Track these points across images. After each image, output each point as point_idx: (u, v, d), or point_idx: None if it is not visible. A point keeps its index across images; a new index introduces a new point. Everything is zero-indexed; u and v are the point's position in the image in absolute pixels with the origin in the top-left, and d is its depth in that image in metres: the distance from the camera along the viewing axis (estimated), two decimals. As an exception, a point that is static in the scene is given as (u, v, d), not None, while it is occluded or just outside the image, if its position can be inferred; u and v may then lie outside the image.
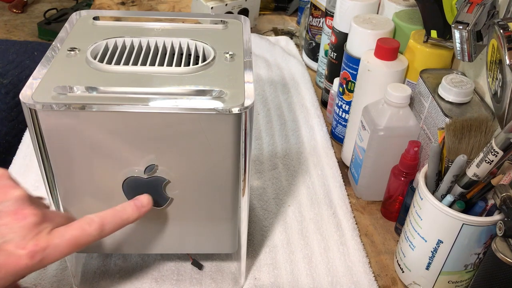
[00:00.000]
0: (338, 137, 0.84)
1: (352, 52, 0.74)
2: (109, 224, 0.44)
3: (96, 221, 0.43)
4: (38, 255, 0.39)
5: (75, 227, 0.42)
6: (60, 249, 0.41)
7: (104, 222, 0.43)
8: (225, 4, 1.10)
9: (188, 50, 0.53)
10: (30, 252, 0.39)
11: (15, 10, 2.75)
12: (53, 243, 0.40)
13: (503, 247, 0.47)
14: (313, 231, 0.67)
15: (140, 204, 0.46)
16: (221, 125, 0.44)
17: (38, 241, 0.39)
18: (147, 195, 0.47)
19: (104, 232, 0.43)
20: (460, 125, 0.52)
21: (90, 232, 0.42)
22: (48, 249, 0.40)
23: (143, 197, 0.47)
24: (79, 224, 0.42)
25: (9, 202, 0.40)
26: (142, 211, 0.46)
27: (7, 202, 0.40)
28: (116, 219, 0.44)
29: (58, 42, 0.52)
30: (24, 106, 0.42)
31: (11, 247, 0.39)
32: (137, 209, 0.46)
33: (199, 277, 0.60)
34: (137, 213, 0.46)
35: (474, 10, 0.55)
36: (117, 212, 0.45)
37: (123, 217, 0.45)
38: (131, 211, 0.45)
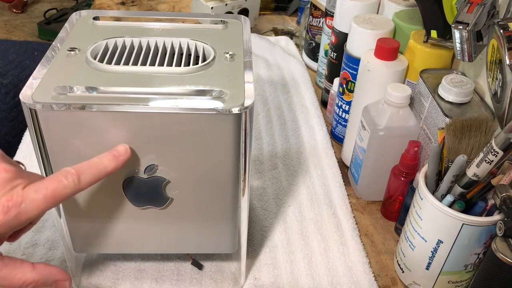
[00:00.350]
0: (338, 137, 0.84)
1: (352, 52, 0.74)
2: (85, 174, 0.42)
3: (72, 172, 0.41)
4: (12, 210, 0.38)
5: (51, 180, 0.40)
6: (36, 203, 0.39)
7: (81, 172, 0.41)
8: (225, 4, 1.10)
9: (188, 50, 0.53)
10: (3, 208, 0.37)
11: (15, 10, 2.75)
12: (29, 198, 0.39)
13: (503, 247, 0.47)
14: (313, 231, 0.67)
15: (117, 153, 0.44)
16: (221, 125, 0.44)
17: (11, 196, 0.38)
18: (124, 144, 0.45)
19: (81, 183, 0.41)
20: (460, 125, 0.52)
21: (66, 183, 0.40)
22: (24, 204, 0.38)
23: (120, 146, 0.45)
24: (54, 177, 0.40)
25: None
26: (120, 159, 0.44)
27: None
28: (93, 169, 0.42)
29: (58, 42, 0.52)
30: (24, 106, 0.42)
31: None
32: (115, 158, 0.44)
33: (199, 277, 0.60)
34: (114, 162, 0.44)
35: (474, 10, 0.55)
36: (93, 162, 0.43)
37: (99, 166, 0.43)
38: (107, 161, 0.43)
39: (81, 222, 0.51)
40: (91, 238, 0.53)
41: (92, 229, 0.52)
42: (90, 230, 0.52)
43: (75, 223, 0.51)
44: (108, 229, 0.52)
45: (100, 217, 0.51)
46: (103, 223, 0.51)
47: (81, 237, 0.53)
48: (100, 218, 0.51)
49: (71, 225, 0.51)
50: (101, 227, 0.52)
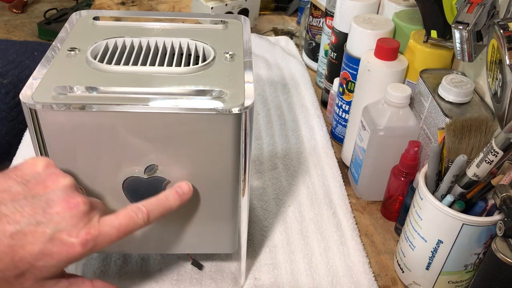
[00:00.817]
0: (338, 137, 0.84)
1: (352, 52, 0.74)
2: (154, 212, 0.44)
3: (143, 210, 0.44)
4: (90, 243, 0.40)
5: (124, 215, 0.43)
6: (110, 237, 0.41)
7: (150, 210, 0.44)
8: (225, 4, 1.10)
9: (188, 50, 0.53)
10: (83, 240, 0.40)
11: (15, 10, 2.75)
12: (104, 231, 0.41)
13: (503, 247, 0.47)
14: (313, 231, 0.67)
15: (181, 191, 0.47)
16: (221, 125, 0.44)
17: (89, 229, 0.40)
18: (187, 182, 0.48)
19: (150, 220, 0.44)
20: (460, 125, 0.52)
21: (137, 221, 0.43)
22: (99, 237, 0.41)
23: (184, 184, 0.47)
24: (127, 212, 0.43)
25: (59, 191, 0.41)
26: (184, 198, 0.47)
27: (58, 191, 0.41)
28: (160, 208, 0.45)
29: (58, 42, 0.52)
30: (24, 106, 0.42)
31: (64, 235, 0.39)
32: (179, 197, 0.46)
33: (199, 277, 0.60)
34: (179, 200, 0.46)
35: (474, 10, 0.55)
36: (160, 200, 0.45)
37: (166, 205, 0.46)
38: (173, 199, 0.46)
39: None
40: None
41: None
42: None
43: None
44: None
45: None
46: (103, 223, 0.51)
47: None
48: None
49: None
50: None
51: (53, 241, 0.39)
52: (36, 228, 0.39)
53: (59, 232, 0.39)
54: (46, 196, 0.40)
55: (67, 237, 0.39)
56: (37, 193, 0.40)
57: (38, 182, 0.41)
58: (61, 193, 0.41)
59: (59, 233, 0.39)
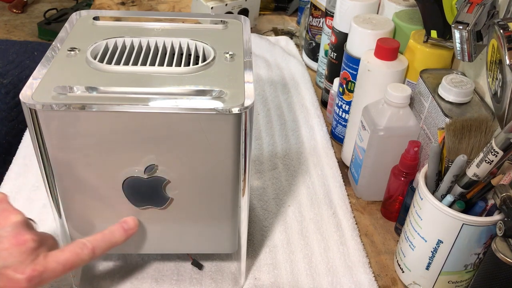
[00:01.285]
0: (338, 137, 0.84)
1: (352, 52, 0.74)
2: (99, 248, 0.47)
3: (88, 246, 0.46)
4: (35, 279, 0.42)
5: (69, 251, 0.45)
6: (55, 273, 0.43)
7: (95, 246, 0.46)
8: (225, 4, 1.10)
9: (188, 50, 0.53)
10: (29, 277, 0.41)
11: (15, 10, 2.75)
12: (50, 267, 0.43)
13: (503, 247, 0.47)
14: (313, 231, 0.67)
15: (127, 227, 0.49)
16: (221, 125, 0.44)
17: (36, 266, 0.42)
18: (133, 217, 0.50)
19: (95, 255, 0.46)
20: (460, 125, 0.52)
21: (82, 256, 0.45)
22: (45, 273, 0.42)
23: (129, 219, 0.50)
24: (72, 248, 0.45)
25: (9, 228, 0.42)
26: (129, 233, 0.49)
27: (8, 228, 0.42)
28: (105, 243, 0.47)
29: (58, 42, 0.52)
30: (24, 106, 0.42)
31: (11, 272, 0.41)
32: (125, 232, 0.49)
33: (199, 277, 0.60)
34: (124, 235, 0.49)
35: (474, 10, 0.55)
36: (106, 236, 0.48)
37: (112, 240, 0.48)
38: (119, 235, 0.48)
39: (81, 222, 0.51)
40: (91, 238, 0.53)
41: (92, 229, 0.52)
42: (90, 230, 0.52)
43: (75, 223, 0.51)
44: (108, 229, 0.52)
45: (100, 217, 0.51)
46: (103, 223, 0.51)
47: (81, 237, 0.52)
48: (100, 218, 0.51)
49: (71, 225, 0.51)
50: (101, 227, 0.51)
51: None
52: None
53: (6, 268, 0.41)
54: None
55: (13, 273, 0.41)
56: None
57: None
58: (11, 230, 0.42)
59: (5, 269, 0.41)
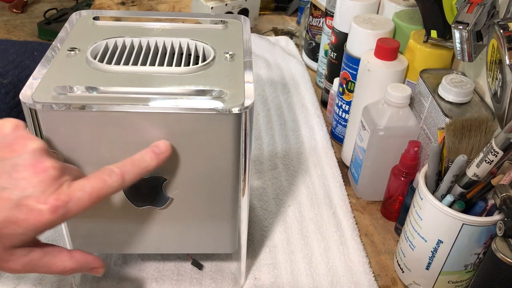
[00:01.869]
0: (338, 137, 0.84)
1: (352, 52, 0.74)
2: (129, 174, 0.42)
3: (117, 172, 0.41)
4: (60, 209, 0.38)
5: (96, 178, 0.40)
6: (82, 202, 0.39)
7: (124, 172, 0.41)
8: (225, 4, 1.10)
9: (188, 50, 0.53)
10: (52, 207, 0.37)
11: (15, 10, 2.74)
12: (75, 197, 0.39)
13: (503, 247, 0.47)
14: (313, 231, 0.67)
15: (158, 150, 0.44)
16: (221, 125, 0.44)
17: (59, 195, 0.38)
18: (164, 141, 0.45)
19: (124, 182, 0.42)
20: (460, 125, 0.52)
21: (111, 183, 0.41)
22: (70, 203, 0.38)
23: (161, 142, 0.44)
24: (99, 175, 0.40)
25: (27, 155, 0.38)
26: (161, 157, 0.44)
27: (25, 155, 0.38)
28: (135, 168, 0.42)
29: (58, 42, 0.52)
30: (24, 106, 0.42)
31: (32, 201, 0.37)
32: (156, 156, 0.44)
33: (199, 277, 0.60)
34: (156, 160, 0.44)
35: (474, 10, 0.55)
36: (136, 161, 0.43)
37: (142, 165, 0.43)
38: (149, 159, 0.43)
39: (81, 222, 0.51)
40: (91, 238, 0.53)
41: (92, 229, 0.52)
42: (90, 230, 0.52)
43: (75, 223, 0.51)
44: (108, 229, 0.52)
45: (100, 217, 0.51)
46: (103, 223, 0.51)
47: (81, 237, 0.52)
48: (100, 218, 0.51)
49: (71, 225, 0.51)
50: (101, 227, 0.52)
51: (19, 207, 0.37)
52: (1, 194, 0.37)
53: (26, 198, 0.37)
54: (13, 160, 0.38)
55: (35, 203, 0.37)
56: (2, 157, 0.38)
57: (5, 146, 0.39)
58: (28, 158, 0.38)
59: (25, 199, 0.37)
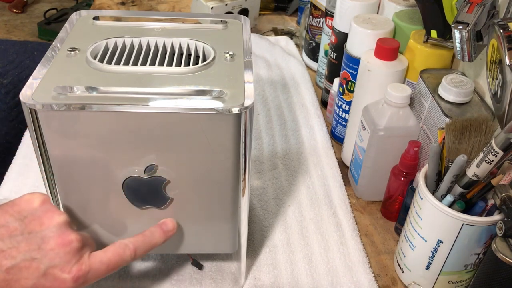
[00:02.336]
0: (338, 137, 0.84)
1: (352, 52, 0.74)
2: (140, 249, 0.47)
3: (130, 247, 0.46)
4: (81, 278, 0.43)
5: (112, 251, 0.46)
6: (99, 272, 0.44)
7: (137, 247, 0.47)
8: (225, 4, 1.10)
9: (188, 50, 0.53)
10: (75, 277, 0.42)
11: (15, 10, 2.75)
12: (94, 267, 0.44)
13: (503, 247, 0.47)
14: (313, 231, 0.67)
15: (166, 228, 0.50)
16: (221, 125, 0.44)
17: (81, 266, 0.43)
18: (171, 219, 0.50)
19: (136, 256, 0.47)
20: (460, 125, 0.52)
21: (124, 257, 0.46)
22: (90, 273, 0.43)
23: (169, 221, 0.50)
24: (115, 249, 0.46)
25: (54, 228, 0.43)
26: (168, 235, 0.50)
27: (53, 228, 0.43)
28: (146, 244, 0.48)
29: (58, 42, 0.52)
30: (24, 106, 0.42)
31: (58, 271, 0.42)
32: (164, 234, 0.49)
33: (199, 277, 0.60)
34: (164, 237, 0.49)
35: (474, 10, 0.55)
36: (147, 238, 0.48)
37: (152, 242, 0.48)
38: (158, 236, 0.49)
39: (81, 222, 0.51)
40: (91, 238, 0.53)
41: (92, 229, 0.52)
42: (90, 230, 0.52)
43: (75, 223, 0.51)
44: (108, 229, 0.52)
45: (100, 217, 0.51)
46: (103, 223, 0.51)
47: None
48: (100, 218, 0.51)
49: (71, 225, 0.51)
50: (101, 227, 0.51)
51: (46, 276, 0.41)
52: (31, 264, 0.41)
53: (53, 268, 0.42)
54: (42, 232, 0.42)
55: (60, 273, 0.42)
56: (33, 229, 0.42)
57: (35, 218, 0.43)
58: (56, 230, 0.43)
59: (52, 269, 0.42)
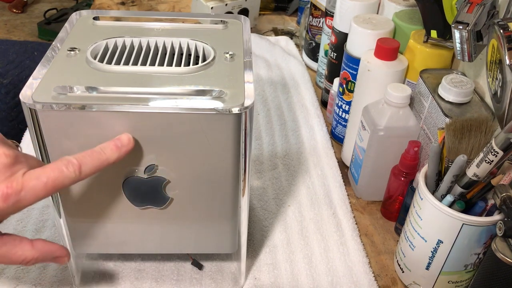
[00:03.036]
0: (338, 137, 0.84)
1: (352, 52, 0.74)
2: (87, 165, 0.41)
3: (74, 163, 0.40)
4: (11, 197, 0.37)
5: (52, 168, 0.39)
6: (36, 192, 0.38)
7: (82, 163, 0.41)
8: (225, 4, 1.10)
9: (188, 50, 0.53)
10: (3, 195, 0.37)
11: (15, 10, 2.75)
12: (29, 185, 0.38)
13: (503, 247, 0.47)
14: (313, 231, 0.67)
15: (120, 143, 0.43)
16: (221, 125, 0.44)
17: (11, 183, 0.37)
18: (127, 134, 0.44)
19: (82, 173, 0.41)
20: (460, 125, 0.52)
21: (67, 173, 0.40)
22: (23, 192, 0.38)
23: (124, 136, 0.44)
24: (56, 165, 0.40)
25: None
26: (123, 150, 0.43)
27: None
28: (94, 161, 0.42)
29: (58, 42, 0.52)
30: (24, 106, 0.42)
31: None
32: (117, 149, 0.43)
33: (199, 277, 0.60)
34: (117, 153, 0.43)
35: (474, 10, 0.55)
36: (95, 153, 0.42)
37: (101, 158, 0.42)
38: (110, 152, 0.43)
39: (81, 222, 0.51)
40: (91, 238, 0.53)
41: (92, 229, 0.52)
42: (90, 230, 0.52)
43: (75, 223, 0.51)
44: (108, 229, 0.52)
45: (100, 217, 0.51)
46: (103, 223, 0.51)
47: (81, 237, 0.53)
48: (100, 218, 0.51)
49: (71, 225, 0.51)
50: (101, 227, 0.52)
51: None
52: None
53: None
54: None
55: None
56: None
57: None
58: None
59: None
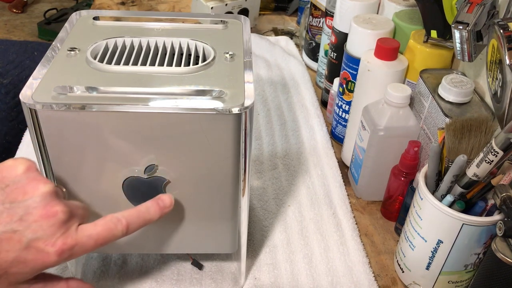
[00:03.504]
0: (338, 137, 0.84)
1: (352, 52, 0.74)
2: (133, 224, 0.44)
3: (122, 222, 0.43)
4: (66, 252, 0.40)
5: (102, 225, 0.42)
6: (86, 247, 0.41)
7: (129, 222, 0.44)
8: (225, 4, 1.10)
9: (188, 50, 0.53)
10: (59, 250, 0.40)
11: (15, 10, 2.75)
12: (81, 241, 0.41)
13: (503, 247, 0.47)
14: (313, 231, 0.67)
15: (163, 205, 0.47)
16: (221, 125, 0.44)
17: (66, 239, 0.40)
18: (169, 195, 0.47)
19: (128, 231, 0.44)
20: (460, 125, 0.52)
21: (115, 232, 0.43)
22: (76, 247, 0.41)
23: (165, 197, 0.47)
24: (105, 223, 0.43)
25: (38, 198, 0.40)
26: (165, 211, 0.47)
27: (37, 198, 0.40)
28: (140, 220, 0.45)
29: (58, 42, 0.52)
30: (24, 106, 0.42)
31: (41, 244, 0.39)
32: (160, 210, 0.46)
33: (199, 277, 0.60)
34: (159, 213, 0.46)
35: (474, 10, 0.55)
36: (141, 212, 0.45)
37: (146, 217, 0.45)
38: (153, 212, 0.46)
39: (81, 222, 0.51)
40: (91, 238, 0.53)
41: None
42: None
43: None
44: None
45: (100, 217, 0.51)
46: (103, 223, 0.51)
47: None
48: (100, 218, 0.51)
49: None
50: (101, 227, 0.51)
51: (28, 249, 0.39)
52: (12, 236, 0.38)
53: (36, 241, 0.39)
54: (25, 202, 0.39)
55: (43, 246, 0.39)
56: (15, 199, 0.39)
57: (18, 187, 0.40)
58: (40, 201, 0.40)
59: (35, 242, 0.39)
